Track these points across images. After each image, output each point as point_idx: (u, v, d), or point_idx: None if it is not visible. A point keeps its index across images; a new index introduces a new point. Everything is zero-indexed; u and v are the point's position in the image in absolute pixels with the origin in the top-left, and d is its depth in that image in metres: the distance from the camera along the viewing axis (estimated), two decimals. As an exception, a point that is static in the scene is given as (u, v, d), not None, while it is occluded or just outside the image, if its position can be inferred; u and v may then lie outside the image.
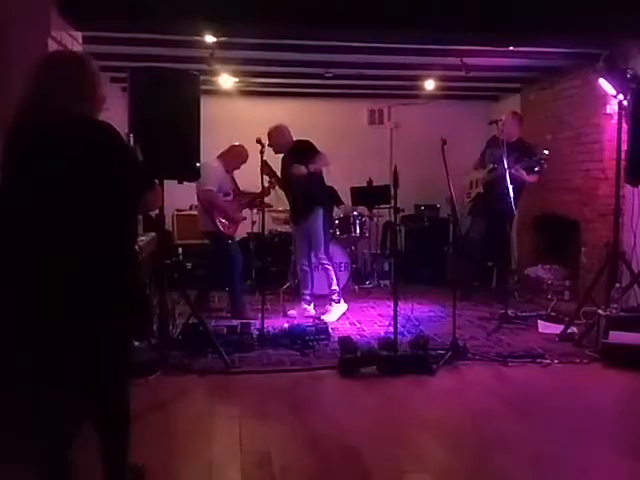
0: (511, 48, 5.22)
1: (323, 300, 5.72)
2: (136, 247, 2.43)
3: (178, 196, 5.94)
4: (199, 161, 4.13)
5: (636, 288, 4.71)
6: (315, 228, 5.50)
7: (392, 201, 4.65)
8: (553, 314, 5.43)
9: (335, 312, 5.59)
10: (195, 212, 7.55)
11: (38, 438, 2.13)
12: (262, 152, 4.78)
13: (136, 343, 3.86)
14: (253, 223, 6.24)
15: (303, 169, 5.27)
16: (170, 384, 3.80)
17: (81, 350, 2.11)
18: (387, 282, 7.04)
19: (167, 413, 3.41)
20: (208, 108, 4.61)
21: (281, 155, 5.62)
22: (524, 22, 4.39)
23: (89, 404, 2.24)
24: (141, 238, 4.36)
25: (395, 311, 4.25)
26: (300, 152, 5.38)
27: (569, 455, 2.90)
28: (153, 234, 4.48)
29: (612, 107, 5.42)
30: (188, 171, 4.11)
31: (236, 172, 5.82)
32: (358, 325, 5.40)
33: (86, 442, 2.29)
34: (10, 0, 3.65)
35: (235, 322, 5.10)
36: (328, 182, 7.25)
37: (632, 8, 4.28)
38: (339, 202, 7.25)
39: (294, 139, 5.54)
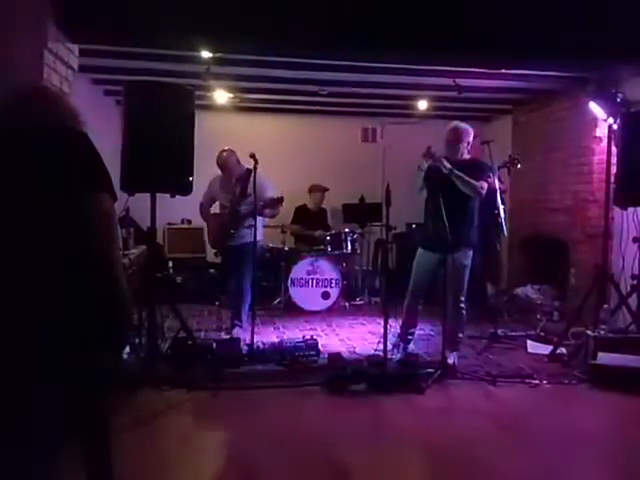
0: (503, 70, 5.30)
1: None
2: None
3: (169, 210, 5.96)
4: (192, 175, 4.14)
5: (624, 310, 4.74)
6: (466, 266, 4.54)
7: (384, 219, 4.67)
8: (542, 334, 5.44)
9: (454, 358, 4.60)
10: (186, 226, 7.60)
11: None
12: (255, 168, 4.80)
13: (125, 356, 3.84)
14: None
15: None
16: (158, 398, 3.77)
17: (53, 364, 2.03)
18: (378, 299, 7.04)
19: (154, 427, 3.38)
20: (203, 123, 4.64)
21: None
22: (516, 45, 4.45)
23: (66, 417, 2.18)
24: (132, 251, 4.36)
25: (385, 328, 4.25)
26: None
27: (556, 477, 2.90)
28: (144, 247, 4.47)
29: (602, 130, 5.49)
30: (181, 185, 4.12)
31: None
32: (348, 342, 5.39)
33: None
34: (7, 12, 3.67)
35: (225, 337, 5.09)
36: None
37: (622, 33, 4.35)
38: (327, 227, 7.26)
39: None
